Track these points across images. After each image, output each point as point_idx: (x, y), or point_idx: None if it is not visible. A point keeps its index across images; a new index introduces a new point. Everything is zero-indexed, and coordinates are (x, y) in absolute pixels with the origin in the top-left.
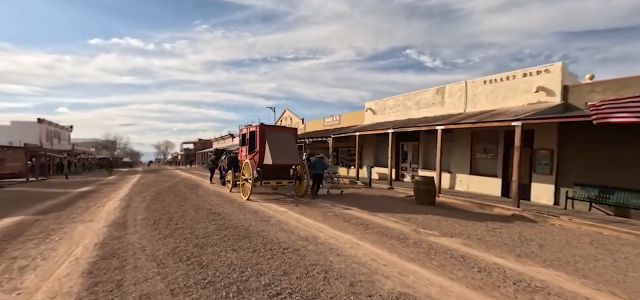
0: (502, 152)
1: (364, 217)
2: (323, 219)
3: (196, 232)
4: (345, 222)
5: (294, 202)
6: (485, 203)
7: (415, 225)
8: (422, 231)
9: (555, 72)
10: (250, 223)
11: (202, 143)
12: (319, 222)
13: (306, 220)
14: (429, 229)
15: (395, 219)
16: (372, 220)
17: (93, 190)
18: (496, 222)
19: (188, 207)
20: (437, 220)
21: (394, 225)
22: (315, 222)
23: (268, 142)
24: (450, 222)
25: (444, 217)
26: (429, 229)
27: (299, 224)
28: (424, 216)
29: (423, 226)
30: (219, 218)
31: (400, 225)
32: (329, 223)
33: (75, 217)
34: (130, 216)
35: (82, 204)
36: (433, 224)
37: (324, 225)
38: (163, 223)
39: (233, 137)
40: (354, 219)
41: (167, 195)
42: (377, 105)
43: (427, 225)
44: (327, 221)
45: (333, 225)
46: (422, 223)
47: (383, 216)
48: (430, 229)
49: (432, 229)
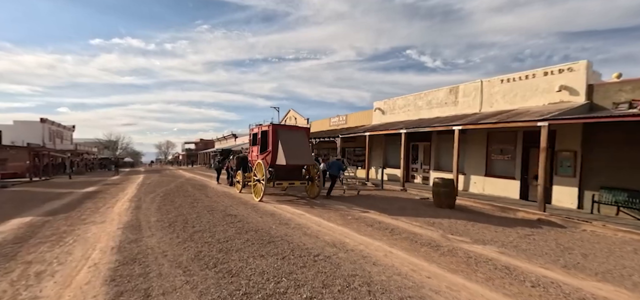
0: (521, 153)
1: (386, 221)
2: (344, 223)
3: (216, 236)
4: (368, 226)
5: (307, 204)
6: (507, 207)
7: (442, 231)
8: (451, 237)
9: (580, 70)
10: (270, 226)
11: (203, 143)
12: (341, 227)
13: (327, 224)
14: (458, 235)
15: (419, 223)
16: (395, 224)
17: (99, 190)
18: (525, 227)
19: (201, 208)
20: (463, 225)
21: (419, 230)
22: (338, 226)
23: (281, 141)
24: (477, 227)
25: (469, 222)
26: (458, 235)
27: (321, 228)
28: (448, 221)
29: (451, 232)
30: (236, 220)
31: (427, 231)
32: (351, 227)
33: (86, 219)
34: (143, 218)
35: (91, 205)
36: (460, 230)
37: (347, 230)
38: (179, 225)
39: (236, 137)
40: (376, 223)
41: (176, 196)
42: (386, 105)
43: (455, 231)
44: (348, 225)
45: (356, 229)
46: (449, 228)
47: (405, 220)
48: (459, 235)
49: (462, 235)
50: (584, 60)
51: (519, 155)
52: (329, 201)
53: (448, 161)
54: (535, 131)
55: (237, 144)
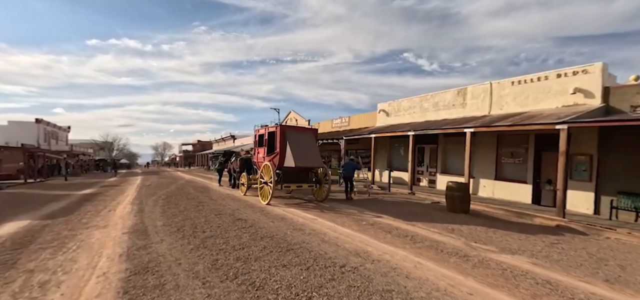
0: (533, 156)
1: (403, 227)
2: (360, 229)
3: (230, 242)
4: (386, 233)
5: (317, 207)
6: (523, 212)
7: (464, 239)
8: (476, 246)
9: (595, 72)
10: (285, 232)
11: (201, 145)
12: (359, 233)
13: (343, 230)
14: (482, 243)
15: (437, 230)
16: (414, 231)
17: (97, 193)
18: (548, 235)
19: (208, 211)
20: (484, 232)
21: (440, 237)
22: (354, 232)
23: (289, 143)
24: (498, 235)
25: (488, 229)
26: (482, 243)
27: (338, 235)
28: (466, 227)
29: (473, 239)
30: (247, 225)
31: (448, 238)
32: (369, 234)
33: (88, 222)
34: (149, 222)
35: (91, 208)
36: (482, 237)
37: (366, 237)
38: (188, 230)
39: (234, 139)
40: (393, 230)
41: (179, 198)
42: (391, 107)
43: (477, 239)
44: (365, 231)
45: (375, 236)
46: (470, 235)
47: (422, 226)
48: (483, 243)
49: (486, 243)
50: (599, 63)
51: (531, 158)
52: (339, 205)
53: (455, 164)
54: (548, 134)
55: (236, 145)
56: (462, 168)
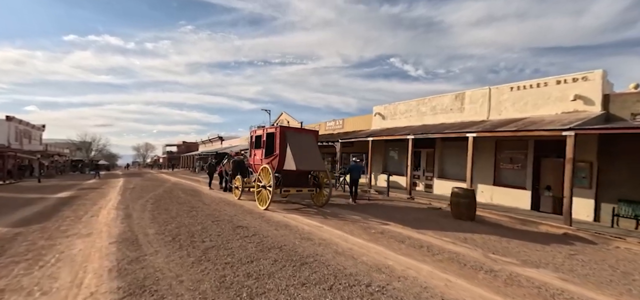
0: (532, 162)
1: (414, 235)
2: (372, 239)
3: (236, 254)
4: (399, 242)
5: (318, 213)
6: (528, 219)
7: (480, 249)
8: (495, 258)
9: (595, 80)
10: (293, 242)
11: (186, 146)
12: (371, 243)
13: (354, 240)
14: (500, 255)
15: (450, 239)
16: (426, 240)
17: (75, 196)
18: (561, 244)
19: (203, 217)
20: (498, 242)
21: (456, 247)
22: (366, 242)
23: (290, 145)
24: (513, 245)
25: (501, 238)
26: (501, 254)
27: (350, 245)
28: (478, 236)
29: (490, 250)
30: (249, 233)
31: (464, 249)
32: (382, 244)
33: (67, 230)
34: (138, 229)
35: (69, 213)
36: (498, 248)
37: (380, 247)
38: (184, 239)
39: (222, 140)
40: (406, 239)
41: (170, 202)
42: (387, 110)
43: (494, 249)
44: (377, 241)
45: (389, 246)
46: (485, 245)
47: (433, 235)
48: (502, 254)
49: (505, 255)
50: (599, 70)
51: (530, 164)
52: (340, 210)
53: (453, 169)
54: (547, 140)
55: (224, 147)
56: (460, 173)
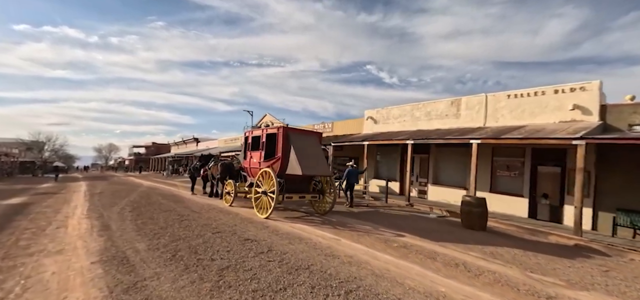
0: (529, 170)
1: (440, 250)
2: (401, 255)
3: (261, 278)
4: (432, 260)
5: (324, 222)
6: (536, 229)
7: (515, 267)
8: (538, 278)
9: (593, 90)
10: (319, 260)
11: (156, 147)
12: (404, 261)
13: (384, 257)
14: (540, 274)
15: (477, 254)
16: (458, 257)
17: (31, 202)
18: (584, 258)
19: (199, 228)
20: (525, 257)
21: (491, 265)
22: (398, 259)
23: (294, 148)
24: (542, 260)
25: (524, 251)
26: (540, 273)
27: (383, 264)
28: (502, 250)
29: (526, 267)
30: (263, 249)
31: (499, 267)
32: (415, 262)
33: (30, 246)
34: (124, 243)
35: (27, 224)
36: (530, 264)
37: (417, 267)
38: (187, 257)
39: (198, 142)
40: (435, 256)
41: (151, 209)
42: (379, 114)
43: (528, 266)
44: (408, 258)
45: (424, 265)
46: (517, 261)
47: (456, 248)
48: (541, 273)
49: (544, 274)
50: (597, 81)
51: (527, 172)
52: (344, 218)
53: (448, 175)
54: (544, 149)
55: (200, 149)
56: (455, 179)
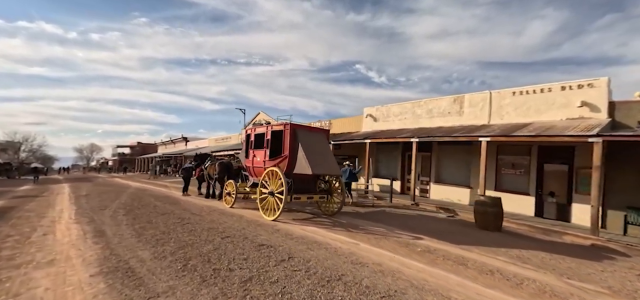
0: (535, 168)
1: (467, 255)
2: (429, 262)
3: (292, 293)
4: (463, 266)
5: (335, 224)
6: (550, 228)
7: (549, 272)
8: (579, 285)
9: (601, 87)
10: (348, 270)
11: (142, 147)
12: (437, 269)
13: (414, 264)
14: (577, 280)
15: (505, 258)
16: (488, 263)
17: (10, 206)
18: (609, 260)
19: (205, 233)
20: (553, 260)
21: (525, 271)
22: (429, 267)
23: (302, 146)
24: (570, 264)
25: (549, 254)
26: (577, 279)
27: (417, 273)
28: (527, 252)
29: (561, 273)
30: (283, 256)
31: (533, 272)
32: (447, 269)
33: (15, 257)
34: (125, 251)
35: (9, 230)
36: (560, 268)
37: (454, 276)
38: (199, 265)
39: (187, 141)
40: (464, 261)
41: (146, 212)
42: (379, 112)
43: (562, 271)
44: (438, 265)
45: (460, 273)
46: (547, 266)
47: (480, 251)
48: (577, 279)
49: (582, 280)
50: (605, 77)
51: (533, 170)
52: (353, 219)
53: (451, 173)
54: (551, 146)
55: (189, 148)
56: (458, 177)
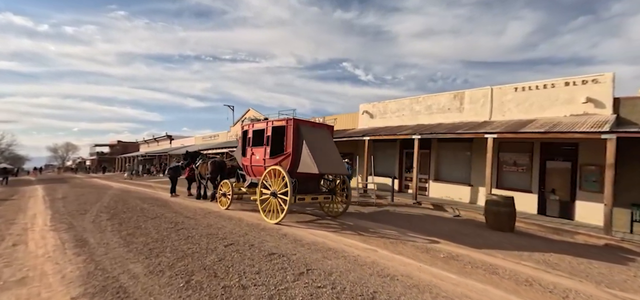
0: (538, 165)
1: (490, 261)
2: (460, 271)
3: None
4: (495, 275)
5: (343, 227)
6: (560, 228)
7: (586, 281)
8: (623, 296)
9: (606, 82)
10: (379, 286)
11: (122, 146)
12: (472, 280)
13: (446, 275)
14: (618, 289)
15: (534, 264)
16: (516, 269)
17: None
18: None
19: (204, 239)
20: (581, 265)
21: (562, 280)
22: (463, 278)
23: (307, 143)
24: (598, 268)
25: (573, 257)
26: (616, 288)
27: (455, 287)
28: (550, 256)
29: (597, 281)
30: (299, 267)
31: (569, 280)
32: (481, 280)
33: None
34: (113, 266)
35: None
36: (593, 275)
37: (494, 289)
38: (206, 282)
39: (171, 139)
40: (494, 270)
41: (133, 216)
42: (376, 108)
43: (597, 278)
44: (470, 276)
45: (498, 285)
46: (579, 272)
47: (504, 256)
48: (618, 288)
49: (622, 289)
50: (610, 72)
51: (536, 167)
52: (358, 221)
53: (451, 171)
54: (554, 143)
55: (174, 147)
56: (458, 175)
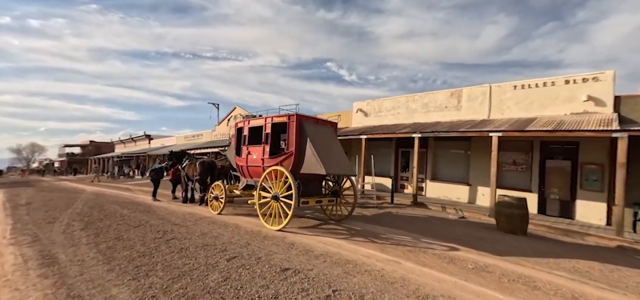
0: (538, 164)
1: (523, 271)
2: (497, 287)
3: None
4: (536, 290)
5: (353, 232)
6: (569, 229)
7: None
8: None
9: (607, 81)
10: None
11: (95, 146)
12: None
13: (486, 292)
14: None
15: (567, 274)
16: (553, 281)
17: None
18: None
19: (201, 252)
20: (614, 272)
21: (606, 294)
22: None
23: (310, 141)
24: (628, 274)
25: (601, 264)
26: None
27: None
28: (576, 262)
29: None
30: (323, 288)
31: (612, 293)
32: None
33: None
34: (94, 292)
35: None
36: (631, 284)
37: None
38: None
39: (150, 139)
40: (528, 281)
41: (114, 224)
42: (370, 106)
43: (634, 288)
44: (500, 288)
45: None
46: (617, 282)
47: (534, 266)
48: None
49: None
50: (611, 71)
51: (536, 167)
52: (369, 225)
53: (448, 170)
54: (554, 141)
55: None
56: (455, 175)
